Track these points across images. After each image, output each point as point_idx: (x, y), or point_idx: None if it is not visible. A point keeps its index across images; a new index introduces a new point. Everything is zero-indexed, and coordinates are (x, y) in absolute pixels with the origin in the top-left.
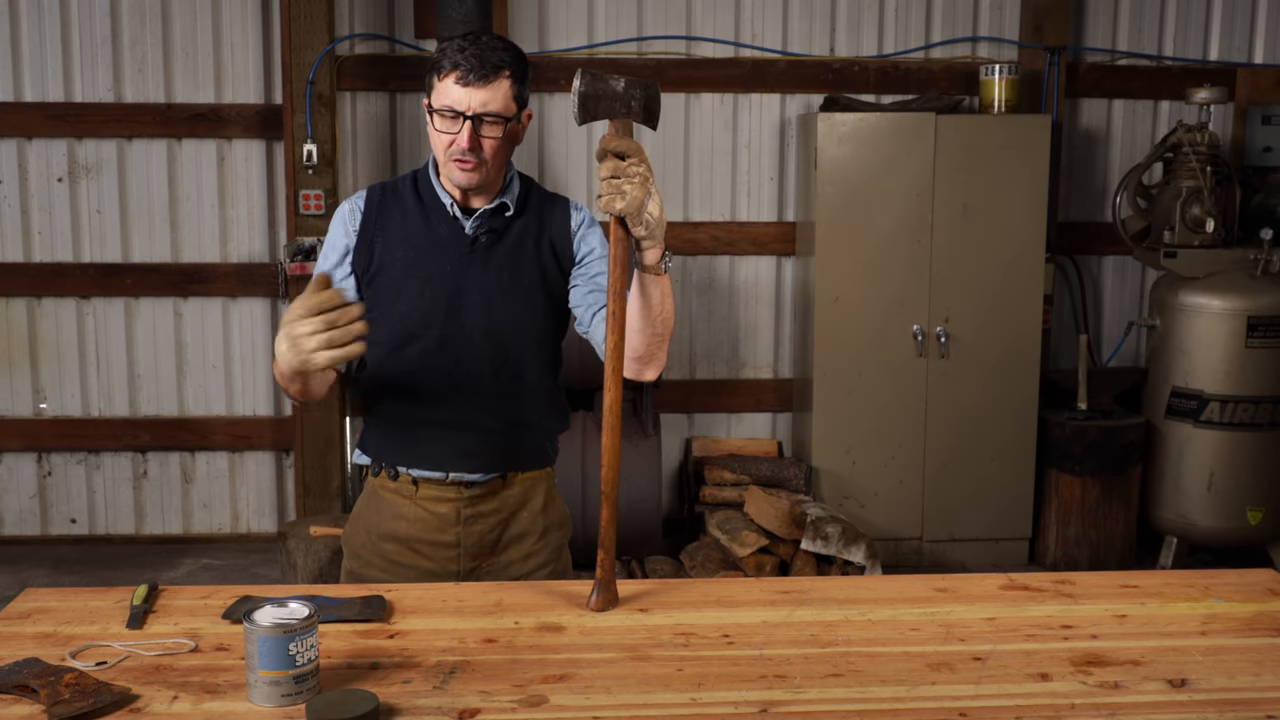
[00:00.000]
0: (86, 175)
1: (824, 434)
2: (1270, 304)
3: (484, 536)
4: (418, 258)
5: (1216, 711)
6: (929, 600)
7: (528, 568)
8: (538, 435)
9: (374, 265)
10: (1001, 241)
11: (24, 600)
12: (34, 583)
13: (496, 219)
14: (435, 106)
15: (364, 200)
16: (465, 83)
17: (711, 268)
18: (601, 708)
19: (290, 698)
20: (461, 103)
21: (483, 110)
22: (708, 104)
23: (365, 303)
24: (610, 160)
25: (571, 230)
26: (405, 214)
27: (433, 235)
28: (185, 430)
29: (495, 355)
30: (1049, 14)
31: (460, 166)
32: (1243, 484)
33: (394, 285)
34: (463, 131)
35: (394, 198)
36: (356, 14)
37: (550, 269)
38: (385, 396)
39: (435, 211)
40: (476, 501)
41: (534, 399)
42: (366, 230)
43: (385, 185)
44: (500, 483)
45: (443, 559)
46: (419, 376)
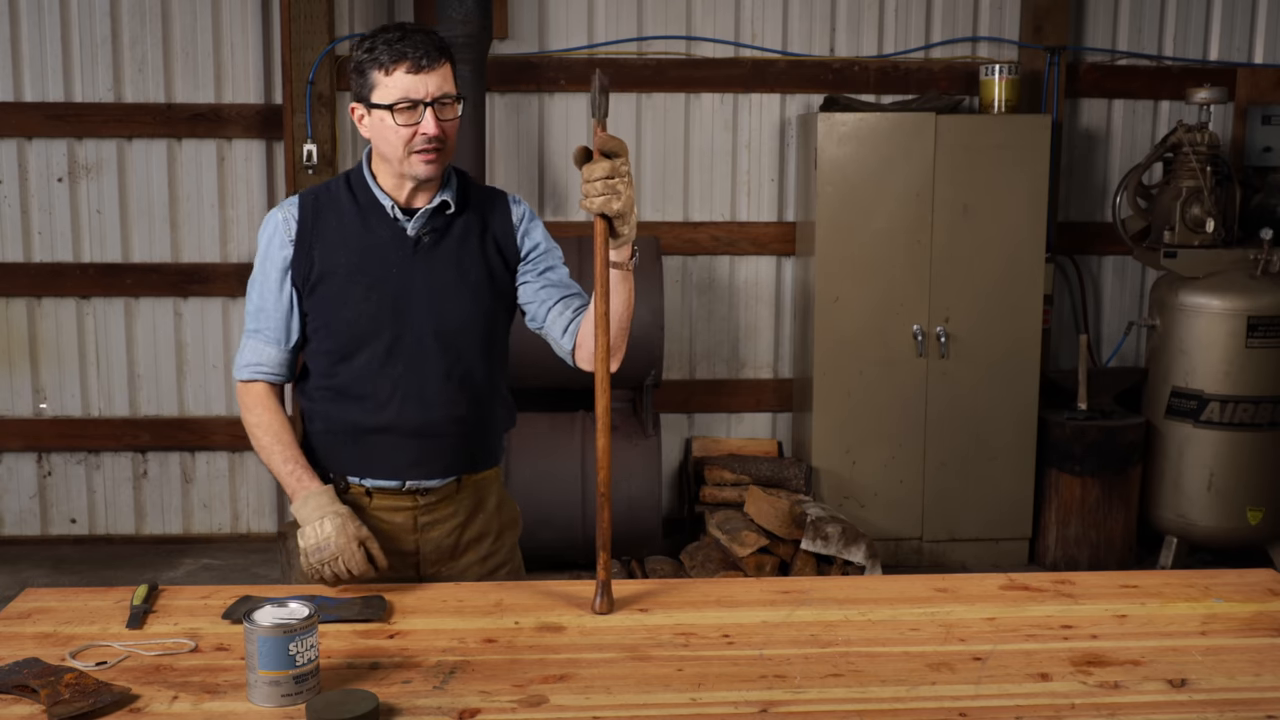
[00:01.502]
0: (86, 175)
1: (824, 434)
2: (1270, 304)
3: (442, 542)
4: (360, 263)
5: (1216, 711)
6: (929, 600)
7: (486, 569)
8: (489, 435)
9: (315, 274)
10: (1001, 241)
11: (24, 600)
12: (34, 583)
13: (438, 218)
14: (389, 102)
15: (297, 208)
16: (418, 69)
17: (711, 268)
18: (601, 708)
19: (290, 698)
20: (419, 90)
21: (439, 94)
22: (708, 104)
23: (309, 313)
24: (604, 161)
25: (514, 225)
26: (342, 219)
27: (373, 238)
28: (185, 430)
29: (446, 357)
30: (1049, 14)
31: (425, 158)
32: (1243, 484)
33: (338, 293)
34: (427, 119)
35: (329, 203)
36: (356, 14)
37: (496, 265)
38: (332, 405)
39: (374, 214)
40: (432, 508)
41: (484, 398)
42: (304, 238)
43: (317, 191)
44: (455, 486)
45: (402, 567)
46: (369, 384)
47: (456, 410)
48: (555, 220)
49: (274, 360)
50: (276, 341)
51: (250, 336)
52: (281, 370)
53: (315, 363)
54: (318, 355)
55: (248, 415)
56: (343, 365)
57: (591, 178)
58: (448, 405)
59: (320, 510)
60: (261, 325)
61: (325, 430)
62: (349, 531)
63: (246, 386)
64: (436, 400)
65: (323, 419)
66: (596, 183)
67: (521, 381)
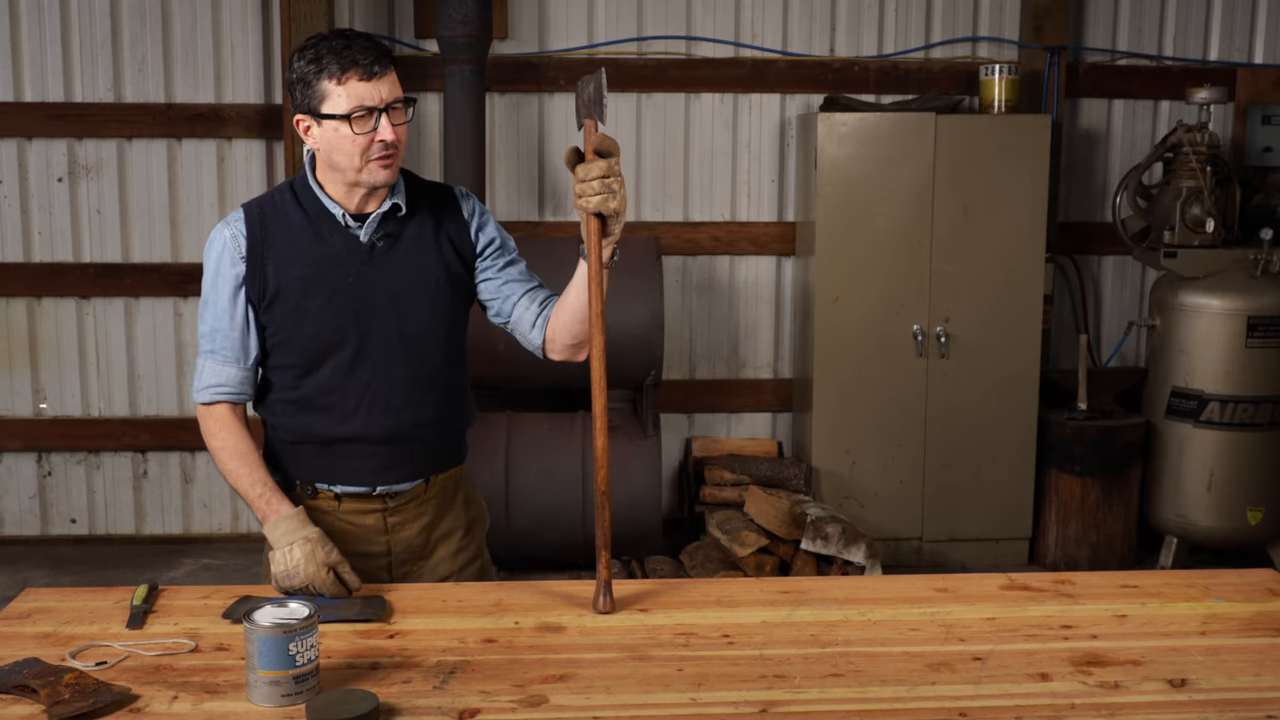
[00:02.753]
0: (86, 175)
1: (824, 434)
2: (1270, 304)
3: (412, 542)
4: (316, 274)
5: (1216, 711)
6: (929, 600)
7: (456, 565)
8: (453, 434)
9: (270, 289)
10: (1001, 241)
11: (24, 600)
12: (34, 583)
13: (390, 222)
14: (344, 111)
15: (244, 223)
16: (370, 76)
17: (711, 268)
18: (601, 708)
19: (290, 698)
20: (372, 97)
21: (392, 99)
22: (708, 104)
23: (268, 328)
24: (600, 160)
25: (466, 220)
26: (292, 230)
27: (327, 248)
28: (185, 430)
29: (411, 361)
30: (1049, 14)
31: (383, 164)
32: (1243, 484)
33: (295, 306)
34: (383, 125)
35: (275, 214)
36: (356, 14)
37: (453, 264)
38: (297, 418)
39: (325, 223)
40: (401, 509)
41: (448, 398)
42: (255, 253)
43: (261, 203)
44: (423, 487)
45: (373, 569)
46: (334, 394)
47: (423, 414)
48: (555, 220)
49: (234, 379)
50: (235, 360)
51: (207, 358)
52: (242, 389)
53: (277, 376)
54: (279, 369)
55: (211, 440)
56: (307, 378)
57: (588, 177)
58: (414, 409)
59: (290, 536)
60: (218, 346)
61: (290, 441)
62: (318, 558)
63: (208, 409)
64: (403, 406)
65: (286, 430)
66: (594, 182)
67: (521, 381)
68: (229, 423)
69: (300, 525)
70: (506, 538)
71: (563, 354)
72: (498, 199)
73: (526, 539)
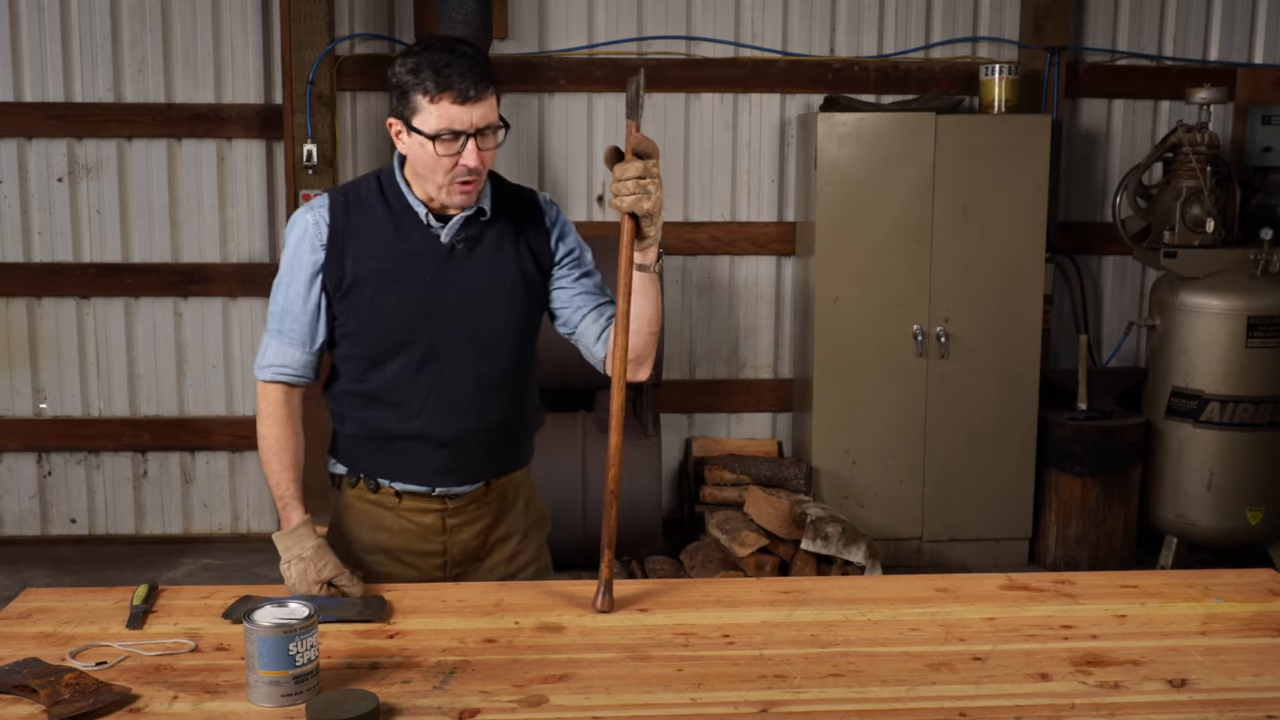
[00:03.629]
0: (86, 175)
1: (824, 434)
2: (1270, 304)
3: (469, 544)
4: (394, 269)
5: (1216, 711)
6: (929, 600)
7: (513, 569)
8: (519, 439)
9: (347, 280)
10: (1001, 241)
11: (24, 600)
12: (34, 583)
13: (472, 225)
14: (431, 132)
15: (328, 210)
16: (465, 100)
17: (711, 268)
18: (601, 708)
19: (290, 698)
20: (463, 121)
21: (484, 124)
22: (708, 104)
23: (339, 318)
24: (637, 161)
25: (547, 228)
26: (375, 222)
27: (407, 245)
28: (185, 430)
29: (480, 364)
30: (1049, 14)
31: (462, 189)
32: (1243, 484)
33: (370, 300)
34: (469, 150)
35: (360, 205)
36: (356, 14)
37: (530, 270)
38: (362, 410)
39: (407, 220)
40: (460, 511)
41: (516, 403)
42: (335, 242)
43: (346, 191)
44: (483, 490)
45: (428, 568)
46: (401, 392)
47: (488, 418)
48: None
49: (297, 363)
50: (301, 344)
51: (273, 337)
52: (304, 372)
53: (345, 367)
54: (348, 360)
55: (260, 423)
56: (374, 372)
57: (624, 176)
58: (479, 413)
59: (288, 553)
60: (286, 327)
61: (354, 434)
62: (309, 577)
63: (265, 387)
64: (469, 408)
65: (353, 422)
66: (629, 181)
67: None
68: (279, 409)
69: (298, 541)
70: None
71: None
72: None
73: None
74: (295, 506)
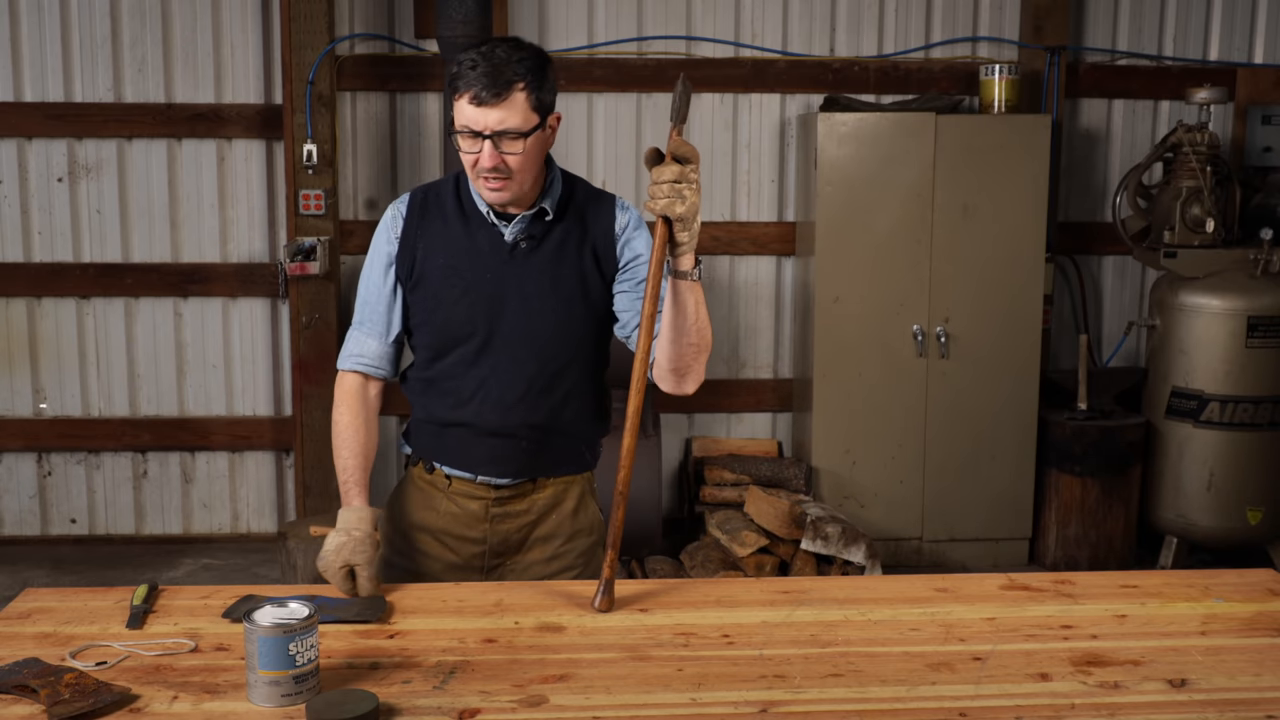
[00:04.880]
0: (86, 175)
1: (824, 434)
2: (1270, 304)
3: (510, 536)
4: (457, 265)
5: (1216, 711)
6: (929, 600)
7: (551, 569)
8: (573, 441)
9: (415, 273)
10: (1001, 241)
11: (24, 600)
12: (34, 583)
13: (536, 225)
14: (457, 127)
15: (406, 206)
16: (478, 102)
17: (711, 268)
18: (601, 708)
19: (290, 698)
20: (477, 122)
21: (499, 128)
22: (708, 104)
23: (412, 308)
24: (674, 165)
25: (616, 234)
26: (446, 220)
27: (472, 242)
28: (185, 430)
29: (532, 363)
30: (1049, 14)
31: (488, 185)
32: (1243, 484)
33: (434, 293)
34: (483, 152)
35: (435, 204)
36: (356, 14)
37: (591, 274)
38: (424, 396)
39: (474, 218)
40: (505, 502)
41: (570, 405)
42: (409, 237)
43: (428, 190)
44: (530, 485)
45: (468, 554)
46: (455, 381)
47: (534, 416)
48: None
49: (374, 353)
50: (378, 334)
51: (356, 328)
52: (381, 364)
53: (418, 355)
54: (419, 349)
55: (334, 410)
56: (437, 362)
57: (660, 180)
58: (526, 410)
59: (344, 523)
60: (365, 317)
61: (419, 418)
62: (343, 555)
63: (343, 375)
64: (516, 404)
65: (418, 407)
66: (664, 185)
67: None
68: (352, 399)
69: (359, 522)
70: None
71: (665, 381)
72: None
73: None
74: (358, 491)
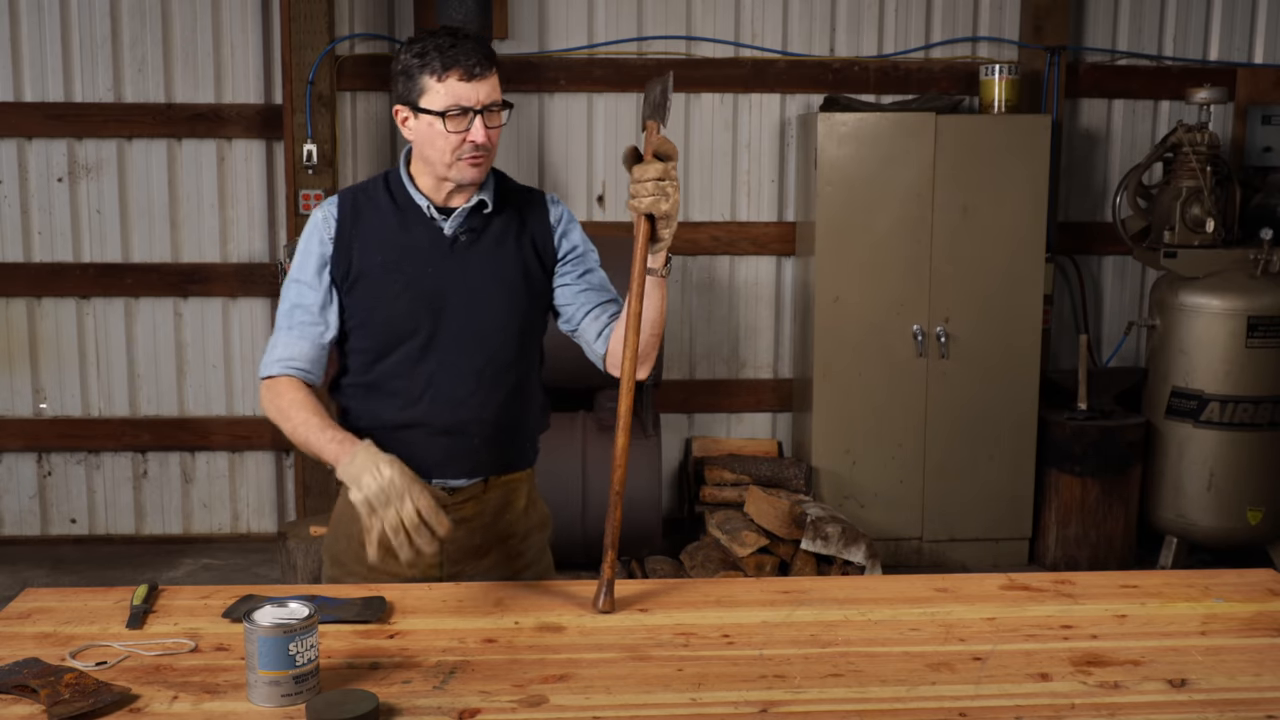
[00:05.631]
0: (86, 175)
1: (824, 434)
2: (1270, 304)
3: (467, 541)
4: (397, 262)
5: (1216, 711)
6: (929, 600)
7: (512, 569)
8: (520, 436)
9: (353, 272)
10: (1001, 241)
11: (24, 600)
12: (34, 583)
13: (475, 217)
14: (440, 109)
15: (337, 206)
16: (471, 77)
17: (711, 268)
18: (601, 708)
19: (290, 698)
20: (470, 98)
21: (489, 101)
22: (708, 104)
23: (346, 310)
24: (657, 162)
25: (552, 225)
26: (381, 218)
27: (410, 238)
28: (185, 430)
29: (479, 356)
30: (1049, 14)
31: (472, 163)
32: (1243, 484)
33: (374, 292)
34: (476, 126)
35: (368, 202)
36: (356, 14)
37: (532, 266)
38: (365, 401)
39: (411, 214)
40: (459, 506)
41: (517, 400)
42: (343, 237)
43: (356, 190)
44: (482, 486)
45: (425, 565)
46: (401, 381)
47: (486, 411)
48: None
49: (305, 356)
50: (311, 337)
51: (281, 333)
52: (313, 369)
53: (352, 359)
54: (355, 353)
55: (277, 401)
56: (378, 363)
57: (644, 178)
58: (478, 406)
59: (374, 459)
60: (295, 320)
61: (357, 426)
62: (409, 473)
63: (271, 381)
64: (466, 400)
65: (355, 415)
66: (648, 183)
67: None
68: (290, 388)
69: (380, 451)
70: None
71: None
72: None
73: None
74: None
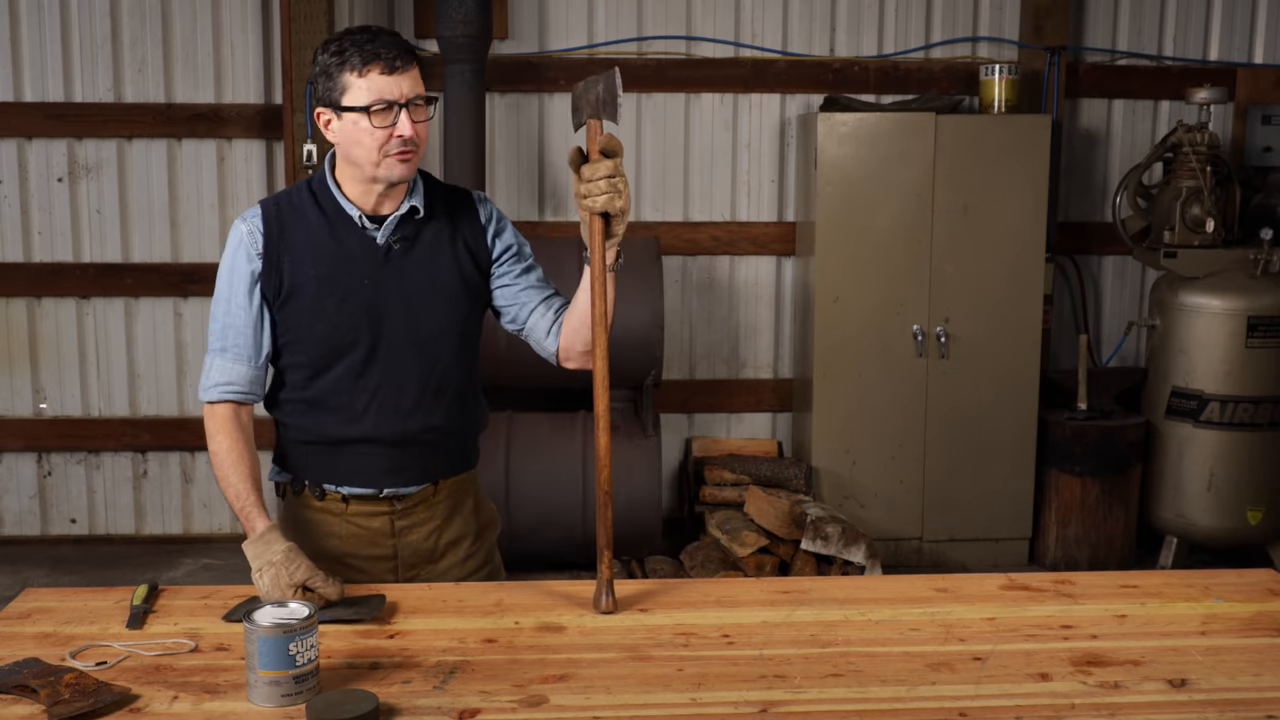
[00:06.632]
0: (86, 175)
1: (824, 434)
2: (1270, 304)
3: (420, 546)
4: (331, 274)
5: (1216, 711)
6: (929, 600)
7: (465, 570)
8: (464, 439)
9: (285, 287)
10: (1001, 241)
11: (24, 600)
12: (34, 583)
13: (407, 225)
14: (364, 104)
15: (260, 219)
16: (393, 70)
17: (711, 268)
18: (601, 708)
19: (290, 698)
20: (393, 91)
21: (413, 94)
22: (708, 104)
23: (280, 326)
24: (606, 160)
25: (483, 226)
26: (310, 229)
27: (343, 248)
28: (185, 430)
29: (423, 364)
30: (1049, 14)
31: (401, 159)
32: (1243, 484)
33: (310, 306)
34: (402, 120)
35: (293, 212)
36: (356, 14)
37: (468, 269)
38: (307, 418)
39: (341, 223)
40: (409, 512)
41: (459, 403)
42: (271, 251)
43: (279, 199)
44: (431, 490)
45: (379, 571)
46: (344, 397)
47: (433, 418)
48: (555, 220)
49: (244, 378)
50: (247, 359)
51: (216, 355)
52: (251, 388)
53: (289, 375)
54: (291, 369)
55: (211, 441)
56: (318, 379)
57: (595, 176)
58: (425, 413)
59: (258, 560)
60: (229, 343)
61: (299, 441)
62: (282, 582)
63: (212, 409)
64: (414, 409)
65: (297, 430)
66: (600, 181)
67: (521, 381)
68: (229, 426)
69: (266, 547)
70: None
71: (578, 362)
72: (498, 199)
73: (526, 539)
74: (259, 514)
